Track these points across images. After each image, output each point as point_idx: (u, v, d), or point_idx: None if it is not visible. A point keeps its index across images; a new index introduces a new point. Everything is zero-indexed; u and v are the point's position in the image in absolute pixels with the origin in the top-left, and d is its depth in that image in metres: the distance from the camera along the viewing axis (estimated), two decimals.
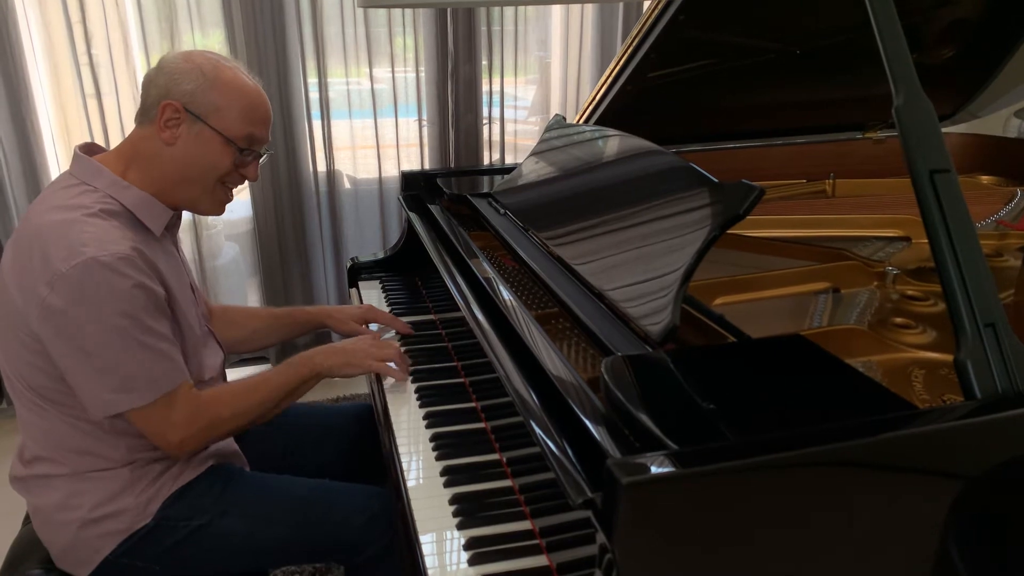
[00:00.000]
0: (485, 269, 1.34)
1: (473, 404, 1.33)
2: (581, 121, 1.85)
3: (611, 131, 1.46)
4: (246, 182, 1.29)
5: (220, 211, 1.29)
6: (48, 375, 1.13)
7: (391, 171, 2.94)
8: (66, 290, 1.05)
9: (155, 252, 1.17)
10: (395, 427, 1.29)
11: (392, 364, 1.37)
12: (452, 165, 2.98)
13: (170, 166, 1.20)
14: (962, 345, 0.82)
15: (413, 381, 1.43)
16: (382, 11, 2.73)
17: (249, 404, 1.24)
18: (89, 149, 1.23)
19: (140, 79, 1.31)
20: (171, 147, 1.19)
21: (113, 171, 1.18)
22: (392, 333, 1.59)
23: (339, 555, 1.27)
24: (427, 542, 1.03)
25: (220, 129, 1.19)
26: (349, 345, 1.36)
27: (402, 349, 1.45)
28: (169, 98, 1.17)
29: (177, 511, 1.21)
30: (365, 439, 1.51)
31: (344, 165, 2.91)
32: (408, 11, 2.76)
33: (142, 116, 1.20)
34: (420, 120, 2.93)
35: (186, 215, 1.37)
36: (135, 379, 1.10)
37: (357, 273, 1.95)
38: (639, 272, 1.08)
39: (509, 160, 3.07)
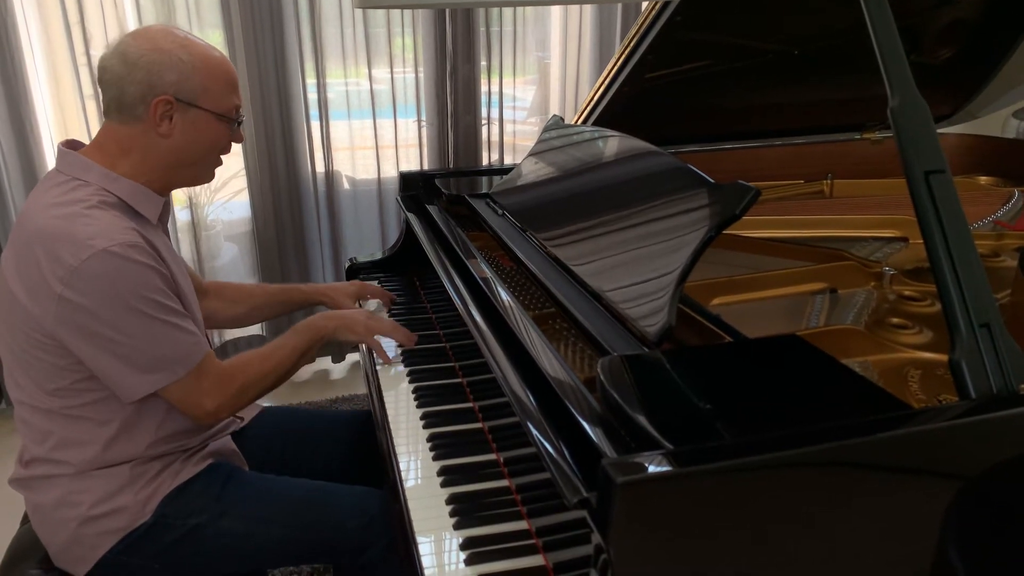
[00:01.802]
0: (483, 270, 1.34)
1: (470, 404, 1.33)
2: (579, 122, 1.85)
3: (609, 132, 1.47)
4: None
5: (213, 176, 1.32)
6: (64, 373, 1.13)
7: (390, 172, 2.94)
8: (82, 284, 1.06)
9: (153, 238, 1.18)
10: (392, 427, 1.29)
11: (386, 340, 1.48)
12: (451, 166, 2.98)
13: (170, 156, 1.20)
14: (957, 345, 0.83)
15: (411, 381, 1.43)
16: (381, 12, 2.73)
17: (271, 366, 1.30)
18: (72, 145, 1.22)
19: None
20: (168, 139, 1.19)
21: (101, 165, 1.17)
22: (377, 304, 1.70)
23: (337, 556, 1.27)
24: (424, 542, 1.03)
25: (212, 108, 1.20)
26: (347, 312, 1.48)
27: (397, 343, 1.49)
28: (156, 93, 1.15)
29: (175, 509, 1.21)
30: (363, 442, 1.51)
31: (343, 166, 2.91)
32: (407, 11, 2.76)
33: (124, 114, 1.17)
34: (419, 121, 2.93)
35: (182, 216, 1.38)
36: (164, 357, 1.14)
37: (355, 273, 1.95)
38: (636, 273, 1.08)
39: (508, 161, 3.07)
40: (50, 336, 1.11)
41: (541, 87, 3.16)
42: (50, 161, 2.54)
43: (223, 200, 2.80)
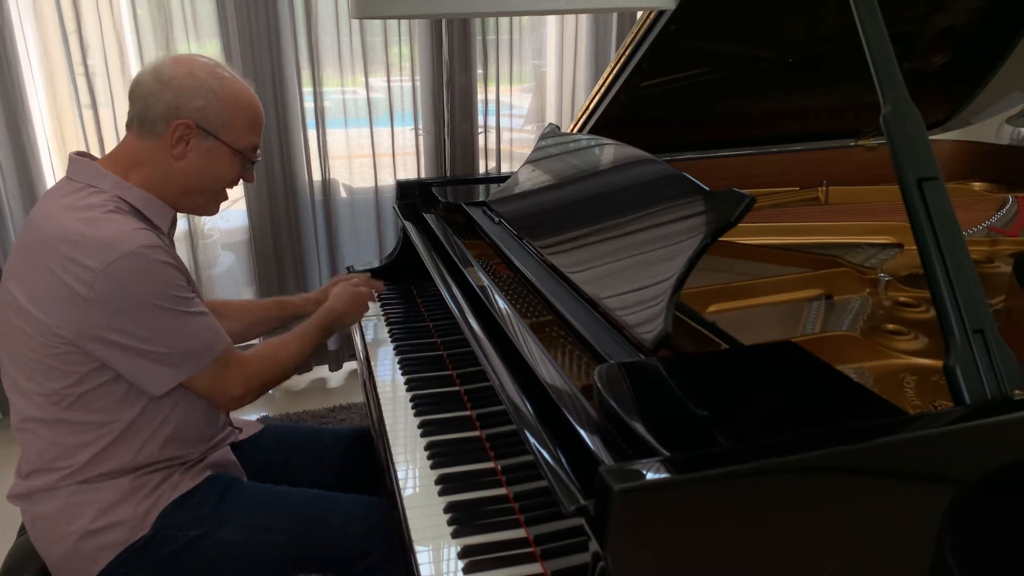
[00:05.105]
0: (480, 278, 1.34)
1: (468, 413, 1.33)
2: (575, 130, 1.86)
3: (604, 140, 1.47)
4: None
5: (217, 211, 1.35)
6: (70, 378, 1.14)
7: (387, 180, 2.95)
8: (108, 287, 1.08)
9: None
10: (391, 436, 1.29)
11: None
12: (448, 174, 2.99)
13: (178, 178, 1.23)
14: (951, 351, 0.83)
15: (409, 390, 1.43)
16: (377, 20, 2.74)
17: (289, 354, 1.36)
18: (83, 156, 1.23)
19: None
20: (180, 161, 1.21)
21: (114, 174, 1.19)
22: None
23: (337, 565, 1.27)
24: (422, 550, 1.03)
25: (230, 143, 1.23)
26: (339, 303, 1.54)
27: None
28: (180, 116, 1.18)
29: (175, 521, 1.21)
30: (360, 454, 1.52)
31: (340, 174, 2.92)
32: (403, 20, 2.77)
33: (144, 129, 1.20)
34: (416, 129, 2.94)
35: (179, 225, 1.40)
36: (191, 350, 1.18)
37: None
38: (632, 280, 1.09)
39: (505, 168, 3.08)
40: (63, 341, 1.11)
41: (537, 95, 3.17)
42: (47, 170, 2.54)
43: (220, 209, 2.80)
